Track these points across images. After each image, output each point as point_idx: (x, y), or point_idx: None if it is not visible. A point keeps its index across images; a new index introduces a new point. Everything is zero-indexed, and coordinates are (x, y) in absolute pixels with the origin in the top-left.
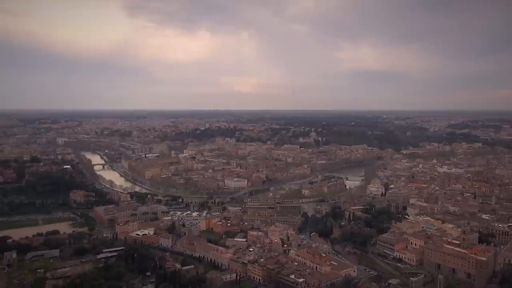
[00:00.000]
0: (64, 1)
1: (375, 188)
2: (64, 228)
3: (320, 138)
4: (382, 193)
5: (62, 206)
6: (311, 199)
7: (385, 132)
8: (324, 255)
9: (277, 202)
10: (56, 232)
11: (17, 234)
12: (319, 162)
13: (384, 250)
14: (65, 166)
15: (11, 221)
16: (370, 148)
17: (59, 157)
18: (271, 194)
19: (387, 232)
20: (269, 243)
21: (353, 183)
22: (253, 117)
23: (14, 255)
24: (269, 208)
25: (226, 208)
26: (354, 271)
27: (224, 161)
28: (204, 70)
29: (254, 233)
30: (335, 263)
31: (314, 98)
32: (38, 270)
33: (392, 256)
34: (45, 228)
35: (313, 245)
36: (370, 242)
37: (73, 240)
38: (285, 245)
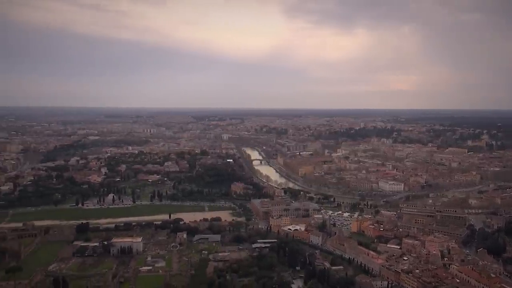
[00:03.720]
0: (231, 9)
1: None
2: (225, 216)
3: (493, 142)
4: None
5: (224, 196)
6: (480, 211)
7: None
8: (493, 275)
9: (437, 210)
10: (218, 219)
11: (187, 217)
12: (491, 169)
13: None
14: (228, 160)
15: (183, 205)
16: None
17: (224, 151)
18: (430, 201)
19: None
20: (426, 254)
21: None
22: (412, 116)
23: (185, 236)
24: (428, 216)
25: (379, 211)
26: None
27: (379, 162)
28: (360, 68)
29: (410, 241)
30: (507, 287)
31: (487, 96)
32: (203, 252)
33: None
34: (209, 215)
35: (480, 263)
36: None
37: (232, 228)
38: (445, 259)
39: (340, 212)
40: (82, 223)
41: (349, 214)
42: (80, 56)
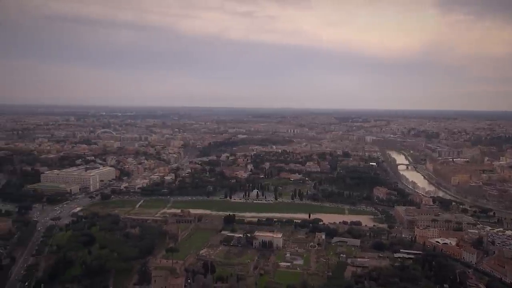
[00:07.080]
0: (377, 7)
1: None
2: (366, 221)
3: None
4: None
5: (366, 200)
6: None
7: None
8: None
9: None
10: (358, 223)
11: (326, 218)
12: None
13: None
14: (371, 163)
15: (323, 206)
16: None
17: (366, 154)
18: None
19: None
20: None
21: None
22: None
23: (323, 237)
24: None
25: None
26: None
27: None
28: None
29: None
30: None
31: None
32: (341, 255)
33: None
34: (349, 218)
35: None
36: None
37: (373, 234)
38: None
39: (501, 229)
40: (229, 214)
41: None
42: (232, 60)
